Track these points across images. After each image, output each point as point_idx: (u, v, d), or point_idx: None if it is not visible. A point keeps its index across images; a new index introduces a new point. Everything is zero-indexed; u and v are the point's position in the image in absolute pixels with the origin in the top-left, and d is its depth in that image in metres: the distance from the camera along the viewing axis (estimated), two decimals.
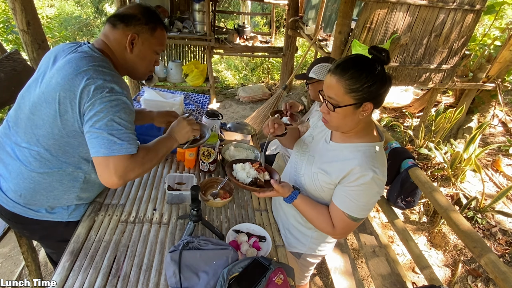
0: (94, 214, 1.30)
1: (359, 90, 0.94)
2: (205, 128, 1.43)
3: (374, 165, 0.99)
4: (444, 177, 3.22)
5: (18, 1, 2.02)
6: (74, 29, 7.93)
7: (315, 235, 1.29)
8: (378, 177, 0.99)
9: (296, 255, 1.39)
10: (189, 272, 1.04)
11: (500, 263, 1.25)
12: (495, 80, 3.68)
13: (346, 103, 0.96)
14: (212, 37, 4.52)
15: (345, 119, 1.00)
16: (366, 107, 0.97)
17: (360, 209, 1.03)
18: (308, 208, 1.12)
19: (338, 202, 1.06)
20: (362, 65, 0.94)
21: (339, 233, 1.10)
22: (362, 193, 1.01)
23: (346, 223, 1.05)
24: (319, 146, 1.17)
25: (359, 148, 1.04)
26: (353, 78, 0.93)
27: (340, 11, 3.06)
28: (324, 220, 1.10)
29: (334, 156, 1.09)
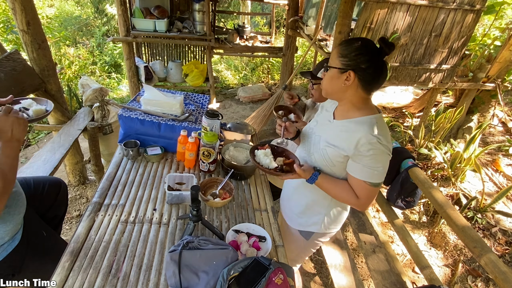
0: (94, 214, 1.30)
1: (347, 56, 1.07)
2: (41, 104, 1.43)
3: (378, 133, 1.08)
4: (444, 177, 3.22)
5: (18, 1, 2.02)
6: (74, 29, 7.93)
7: (329, 213, 1.35)
8: (383, 142, 1.07)
9: (306, 235, 1.43)
10: (189, 272, 1.04)
11: (500, 263, 1.25)
12: (495, 80, 3.68)
13: (335, 65, 1.10)
14: (212, 37, 4.52)
15: (331, 81, 1.13)
16: (349, 76, 1.07)
17: (377, 174, 1.11)
18: (331, 185, 1.19)
19: (356, 173, 1.13)
20: (360, 41, 1.07)
21: (364, 203, 1.17)
22: (374, 159, 1.09)
23: (369, 190, 1.13)
24: (324, 126, 1.26)
25: (361, 121, 1.12)
26: (345, 45, 1.08)
27: (340, 11, 3.06)
28: (348, 193, 1.17)
29: (339, 131, 1.17)
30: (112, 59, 6.62)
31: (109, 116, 2.68)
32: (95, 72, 6.21)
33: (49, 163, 1.99)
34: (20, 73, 2.12)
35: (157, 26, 4.28)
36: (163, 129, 1.70)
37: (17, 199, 1.20)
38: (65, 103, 2.61)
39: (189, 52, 4.99)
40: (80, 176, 2.89)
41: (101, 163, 2.72)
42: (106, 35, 7.69)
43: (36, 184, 1.50)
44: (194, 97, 2.04)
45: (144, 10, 4.27)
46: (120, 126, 1.73)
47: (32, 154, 3.41)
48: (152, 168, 1.64)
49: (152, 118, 1.70)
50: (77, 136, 2.34)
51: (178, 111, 1.76)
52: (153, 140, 1.74)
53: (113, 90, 5.81)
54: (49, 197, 1.56)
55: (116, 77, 6.30)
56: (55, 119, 2.56)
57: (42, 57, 2.27)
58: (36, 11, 2.18)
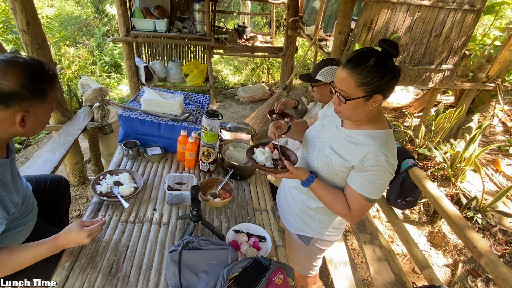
0: (93, 214, 1.30)
1: (370, 83, 0.98)
2: (135, 177, 1.48)
3: (387, 150, 1.05)
4: (444, 177, 3.22)
5: (18, 1, 2.02)
6: (74, 29, 7.93)
7: (322, 218, 1.33)
8: (390, 160, 1.05)
9: (305, 241, 1.41)
10: (189, 272, 1.03)
11: (500, 263, 1.25)
12: (495, 80, 3.68)
13: (357, 96, 1.00)
14: (212, 37, 4.52)
15: (356, 110, 1.05)
16: (376, 99, 1.01)
17: (376, 191, 1.09)
18: (325, 192, 1.17)
19: (355, 185, 1.10)
20: (376, 59, 0.97)
21: (355, 216, 1.15)
22: (377, 176, 1.06)
23: (363, 204, 1.11)
24: (331, 132, 1.21)
25: (371, 135, 1.08)
26: (364, 73, 0.97)
27: (340, 11, 3.06)
28: (340, 203, 1.15)
29: (346, 141, 1.13)
30: (112, 59, 6.62)
31: (109, 116, 2.68)
32: (95, 72, 6.21)
33: (49, 163, 1.99)
34: None
35: (157, 26, 4.28)
36: (163, 129, 1.70)
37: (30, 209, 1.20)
38: (65, 103, 2.61)
39: (189, 52, 4.99)
40: (80, 176, 2.89)
41: (101, 163, 2.72)
42: (106, 35, 7.69)
43: (38, 182, 1.52)
44: (194, 97, 2.04)
45: (144, 10, 4.28)
46: (120, 126, 1.73)
47: (32, 154, 3.41)
48: (152, 168, 1.64)
49: (152, 118, 1.70)
50: (77, 136, 2.34)
51: (178, 111, 1.76)
52: (153, 140, 1.74)
53: (113, 90, 5.81)
54: (51, 193, 1.57)
55: (116, 77, 6.30)
56: (55, 119, 2.56)
57: (42, 57, 2.27)
58: (36, 11, 2.18)
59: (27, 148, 3.84)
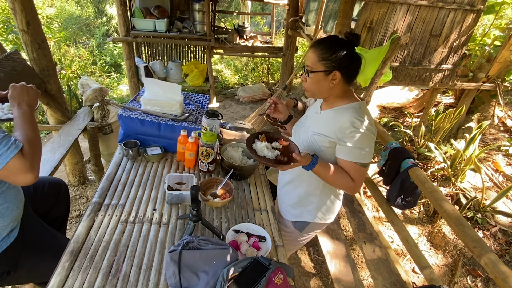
0: (93, 214, 1.30)
1: (328, 59, 1.12)
2: None
3: (360, 115, 1.16)
4: (444, 177, 3.22)
5: (18, 1, 2.02)
6: (74, 29, 7.93)
7: (321, 202, 1.41)
8: (365, 124, 1.15)
9: (300, 227, 1.48)
10: (188, 272, 1.04)
11: (500, 263, 1.25)
12: (495, 80, 3.68)
13: (318, 69, 1.15)
14: (212, 37, 4.52)
15: (318, 84, 1.18)
16: (335, 76, 1.14)
17: (365, 154, 1.17)
18: (328, 170, 1.22)
19: (346, 156, 1.19)
20: (334, 40, 1.14)
21: (358, 184, 1.22)
22: (360, 140, 1.15)
23: (360, 171, 1.20)
24: (312, 118, 1.34)
25: (345, 107, 1.21)
26: (324, 49, 1.13)
27: (340, 11, 3.06)
28: (344, 177, 1.21)
29: (326, 120, 1.25)
30: (112, 59, 6.62)
31: (109, 116, 2.68)
32: (95, 72, 6.21)
33: (49, 163, 1.99)
34: (20, 73, 2.12)
35: (157, 26, 4.28)
36: (163, 129, 1.70)
37: (15, 194, 1.20)
38: (65, 103, 2.61)
39: (189, 52, 4.99)
40: (80, 176, 2.89)
41: (101, 163, 2.72)
42: (106, 35, 7.69)
43: (35, 185, 1.50)
44: (194, 97, 2.04)
45: (144, 10, 4.28)
46: (120, 126, 1.73)
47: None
48: (152, 168, 1.64)
49: (152, 118, 1.70)
50: (77, 136, 2.34)
51: (178, 111, 1.76)
52: (153, 140, 1.74)
53: (113, 90, 5.81)
54: (50, 197, 1.55)
55: (116, 77, 6.30)
56: (55, 119, 2.56)
57: (42, 57, 2.27)
58: (36, 11, 2.18)
59: None
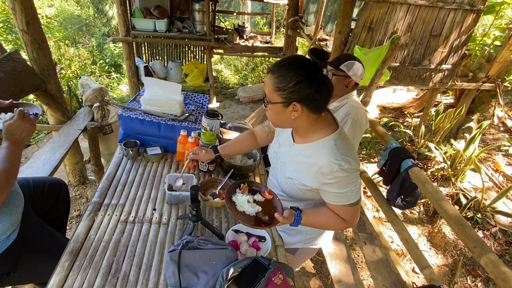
0: (93, 214, 1.30)
1: (285, 89, 0.94)
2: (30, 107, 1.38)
3: (337, 157, 1.00)
4: (444, 177, 3.22)
5: (18, 1, 2.02)
6: (74, 29, 7.93)
7: (308, 229, 1.33)
8: (344, 167, 0.99)
9: (292, 251, 1.42)
10: (188, 272, 1.03)
11: (500, 263, 1.25)
12: (495, 80, 3.68)
13: (275, 101, 0.98)
14: (212, 37, 4.52)
15: (278, 116, 1.02)
16: (296, 108, 0.96)
17: (352, 195, 1.06)
18: (316, 219, 1.13)
19: (332, 200, 1.09)
20: (292, 65, 0.94)
21: (351, 222, 1.13)
22: (343, 184, 1.02)
23: (351, 210, 1.09)
24: (286, 151, 1.18)
25: (319, 145, 1.05)
26: (280, 77, 0.95)
27: (340, 11, 3.06)
28: (335, 220, 1.12)
29: (300, 159, 1.10)
30: (112, 59, 6.62)
31: (109, 116, 2.68)
32: (95, 72, 6.21)
33: (49, 163, 1.99)
34: (20, 73, 2.12)
35: (157, 26, 4.28)
36: (163, 129, 1.70)
37: (14, 199, 1.20)
38: (65, 103, 2.60)
39: (189, 52, 4.99)
40: (80, 176, 2.89)
41: (101, 163, 2.72)
42: (106, 35, 7.69)
43: (36, 185, 1.50)
44: (194, 97, 2.04)
45: (144, 10, 4.28)
46: (120, 126, 1.73)
47: (32, 154, 3.41)
48: (152, 168, 1.64)
49: (152, 118, 1.70)
50: (77, 136, 2.34)
51: (178, 111, 1.76)
52: (153, 140, 1.74)
53: (113, 90, 5.81)
54: (50, 198, 1.55)
55: (116, 77, 6.30)
56: (55, 119, 2.56)
57: (42, 57, 2.27)
58: (36, 11, 2.17)
59: (27, 148, 3.84)
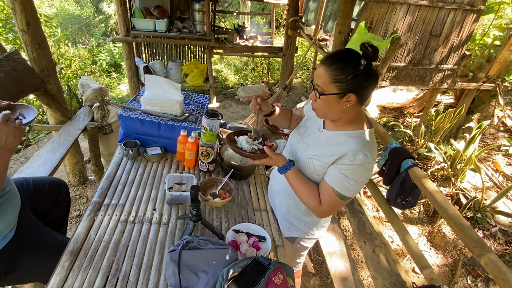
0: (93, 214, 1.30)
1: (343, 81, 1.00)
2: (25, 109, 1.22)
3: (365, 148, 1.06)
4: (444, 177, 3.22)
5: (18, 1, 2.02)
6: (74, 29, 7.93)
7: (309, 219, 1.35)
8: (368, 160, 1.05)
9: (291, 240, 1.44)
10: (188, 272, 1.04)
11: (500, 263, 1.25)
12: (495, 80, 3.68)
13: (331, 92, 1.03)
14: (212, 37, 4.52)
15: (330, 107, 1.07)
16: (349, 98, 1.03)
17: (348, 188, 1.08)
18: (299, 181, 1.17)
19: (329, 179, 1.11)
20: (349, 58, 1.01)
21: (324, 210, 1.15)
22: (352, 172, 1.07)
23: (333, 200, 1.11)
24: (313, 134, 1.23)
25: (351, 135, 1.10)
26: (338, 69, 1.00)
27: (340, 11, 3.06)
28: (312, 195, 1.15)
29: (327, 142, 1.15)
30: (112, 59, 6.62)
31: (109, 116, 2.68)
32: (95, 72, 6.21)
33: (49, 163, 1.99)
34: (20, 73, 2.12)
35: (157, 26, 4.28)
36: (163, 129, 1.70)
37: (10, 199, 1.19)
38: (65, 103, 2.60)
39: (189, 52, 4.99)
40: (80, 176, 2.89)
41: (101, 163, 2.72)
42: (106, 34, 7.69)
43: (36, 185, 1.50)
44: (194, 97, 2.04)
45: (144, 10, 4.28)
46: (120, 126, 1.73)
47: (32, 154, 3.41)
48: (152, 168, 1.64)
49: (152, 118, 1.70)
50: (77, 136, 2.34)
51: (178, 111, 1.76)
52: (153, 140, 1.74)
53: (113, 90, 5.81)
54: (50, 197, 1.55)
55: (116, 77, 6.30)
56: (55, 119, 2.56)
57: (42, 57, 2.27)
58: (36, 11, 2.17)
59: (27, 148, 3.84)
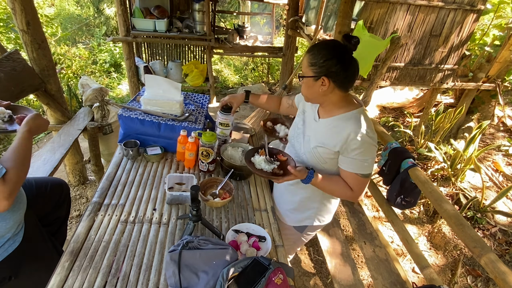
0: (93, 214, 1.30)
1: (316, 64, 1.11)
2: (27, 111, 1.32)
3: (364, 127, 1.15)
4: (444, 177, 3.22)
5: (18, 1, 2.02)
6: (74, 29, 7.93)
7: (319, 206, 1.43)
8: (370, 135, 1.15)
9: (300, 229, 1.50)
10: (188, 272, 1.04)
11: (500, 263, 1.25)
12: (495, 80, 3.68)
13: (308, 75, 1.15)
14: (212, 37, 4.52)
15: (309, 89, 1.18)
16: (324, 82, 1.12)
17: (367, 166, 1.18)
18: (326, 182, 1.24)
19: (348, 167, 1.20)
20: (325, 45, 1.12)
21: (358, 194, 1.24)
22: (364, 152, 1.16)
23: (361, 181, 1.21)
24: (311, 126, 1.31)
25: (345, 117, 1.19)
26: (313, 54, 1.12)
27: (340, 11, 3.06)
28: (343, 187, 1.23)
29: (327, 130, 1.23)
30: (112, 59, 6.62)
31: (109, 116, 2.68)
32: (95, 72, 6.21)
33: (49, 163, 1.99)
34: (20, 73, 2.12)
35: (157, 26, 4.28)
36: (163, 129, 1.70)
37: (17, 196, 1.20)
38: (65, 103, 2.60)
39: (189, 52, 4.99)
40: (80, 176, 2.89)
41: (101, 163, 2.72)
42: (106, 34, 7.69)
43: (38, 185, 1.50)
44: (194, 97, 2.04)
45: (144, 10, 4.27)
46: (120, 126, 1.73)
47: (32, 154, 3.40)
48: (152, 168, 1.64)
49: (152, 118, 1.70)
50: (77, 136, 2.34)
51: (178, 111, 1.76)
52: (153, 140, 1.74)
53: (113, 90, 5.81)
54: (52, 198, 1.55)
55: (116, 77, 6.30)
56: (55, 119, 2.56)
57: (42, 57, 2.27)
58: (36, 11, 2.17)
59: None
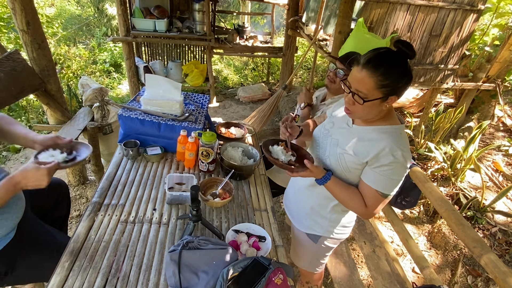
0: (93, 214, 1.30)
1: (390, 85, 0.98)
2: (81, 146, 1.31)
3: (402, 144, 1.05)
4: (444, 177, 3.22)
5: (18, 1, 2.02)
6: (74, 29, 7.93)
7: (334, 217, 1.33)
8: (406, 155, 1.05)
9: (314, 239, 1.42)
10: (188, 272, 1.04)
11: (500, 263, 1.25)
12: (495, 80, 3.68)
13: (375, 97, 1.00)
14: (212, 37, 4.52)
15: (371, 110, 1.05)
16: (391, 100, 1.02)
17: (391, 186, 1.08)
18: (341, 189, 1.16)
19: (371, 181, 1.10)
20: (393, 61, 0.98)
21: (371, 212, 1.14)
22: (394, 171, 1.06)
23: (379, 200, 1.10)
24: (342, 130, 1.20)
25: (384, 130, 1.08)
26: (385, 74, 0.97)
27: (340, 11, 3.05)
28: (357, 200, 1.14)
29: (358, 137, 1.13)
30: (112, 59, 6.62)
31: (109, 116, 2.68)
32: (95, 72, 6.20)
33: None
34: (20, 73, 2.12)
35: (157, 26, 4.28)
36: (163, 129, 1.70)
37: (16, 204, 1.19)
38: (65, 103, 2.60)
39: (189, 52, 4.99)
40: (80, 176, 2.89)
41: (101, 163, 2.72)
42: (106, 34, 7.69)
43: None
44: (194, 97, 2.04)
45: (144, 10, 4.27)
46: (120, 126, 1.73)
47: (32, 154, 3.40)
48: (152, 168, 1.64)
49: (152, 118, 1.70)
50: (77, 136, 2.34)
51: (178, 111, 1.76)
52: (153, 140, 1.74)
53: (113, 90, 5.81)
54: (50, 198, 1.56)
55: (116, 77, 6.30)
56: (55, 119, 2.56)
57: (42, 57, 2.27)
58: (36, 11, 2.17)
59: (27, 148, 3.84)
